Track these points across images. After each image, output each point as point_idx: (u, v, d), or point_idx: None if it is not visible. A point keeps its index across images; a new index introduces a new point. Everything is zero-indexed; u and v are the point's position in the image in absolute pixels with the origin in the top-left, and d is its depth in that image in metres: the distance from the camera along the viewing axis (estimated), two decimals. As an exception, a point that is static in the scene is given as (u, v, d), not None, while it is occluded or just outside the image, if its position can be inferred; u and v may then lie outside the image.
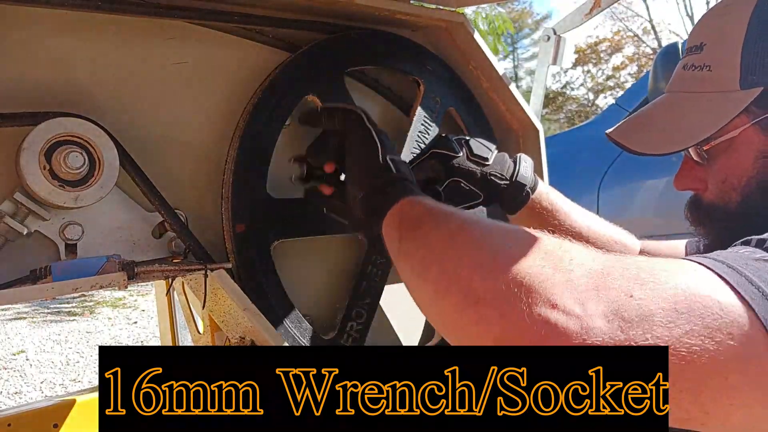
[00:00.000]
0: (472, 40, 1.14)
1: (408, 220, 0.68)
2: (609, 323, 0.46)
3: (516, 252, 0.53)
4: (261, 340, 0.84)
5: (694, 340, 0.46)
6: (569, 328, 0.46)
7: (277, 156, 0.93)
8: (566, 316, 0.46)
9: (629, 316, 0.46)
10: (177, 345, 1.81)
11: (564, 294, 0.48)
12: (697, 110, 0.78)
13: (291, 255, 0.98)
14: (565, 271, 0.50)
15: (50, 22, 0.77)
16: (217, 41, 0.91)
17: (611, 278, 0.49)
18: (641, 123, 0.85)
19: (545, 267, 0.50)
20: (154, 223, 0.83)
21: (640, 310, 0.47)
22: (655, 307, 0.47)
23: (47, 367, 4.75)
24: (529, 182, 0.98)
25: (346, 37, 1.03)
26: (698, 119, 0.77)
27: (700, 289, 0.49)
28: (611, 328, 0.46)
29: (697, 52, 0.80)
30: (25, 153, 0.70)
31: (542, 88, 2.89)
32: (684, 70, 0.82)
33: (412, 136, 1.09)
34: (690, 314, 0.47)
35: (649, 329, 0.46)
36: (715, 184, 0.80)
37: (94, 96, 0.80)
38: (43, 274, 0.71)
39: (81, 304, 7.23)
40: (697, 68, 0.79)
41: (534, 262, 0.51)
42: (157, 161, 0.85)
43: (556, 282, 0.49)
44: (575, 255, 0.53)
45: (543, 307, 0.47)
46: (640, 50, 20.84)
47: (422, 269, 0.61)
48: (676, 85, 0.84)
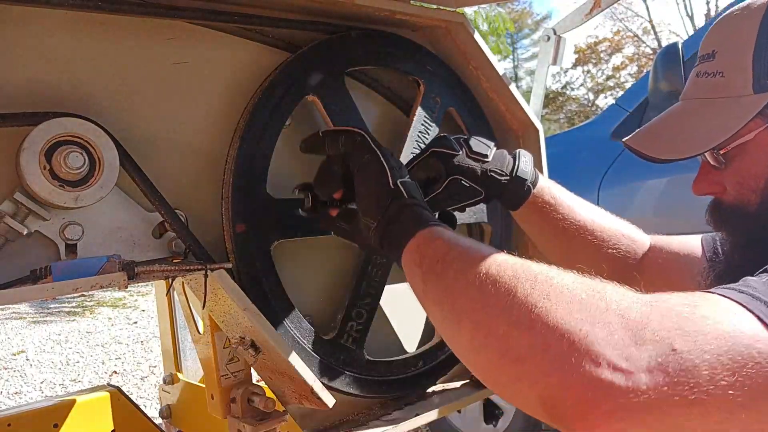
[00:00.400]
0: (472, 40, 1.14)
1: (429, 260, 0.67)
2: (654, 377, 0.46)
3: (552, 303, 0.52)
4: (261, 340, 0.84)
5: (739, 391, 0.46)
6: (616, 383, 0.46)
7: (277, 156, 0.93)
8: (612, 372, 0.46)
9: (673, 371, 0.46)
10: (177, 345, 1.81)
11: (607, 350, 0.48)
12: (712, 115, 0.80)
13: (291, 255, 0.98)
14: (604, 324, 0.49)
15: (50, 22, 0.77)
16: (217, 41, 0.91)
17: (650, 330, 0.49)
18: (657, 130, 0.87)
19: (584, 321, 0.50)
20: (154, 223, 0.83)
21: (684, 365, 0.47)
22: (700, 361, 0.47)
23: (47, 367, 4.75)
24: (529, 177, 0.97)
25: (346, 37, 1.03)
26: (713, 124, 0.79)
27: (742, 337, 0.49)
28: (656, 384, 0.46)
29: (710, 59, 0.81)
30: (25, 153, 0.70)
31: (542, 88, 2.89)
32: (697, 77, 0.83)
33: (412, 136, 1.09)
34: (734, 363, 0.47)
35: (696, 384, 0.46)
36: (733, 187, 0.81)
37: (94, 96, 0.80)
38: (43, 274, 0.71)
39: (81, 304, 7.23)
40: (710, 75, 0.81)
41: (572, 315, 0.51)
42: (157, 161, 0.85)
43: (598, 337, 0.48)
44: (612, 300, 0.52)
45: (587, 363, 0.47)
46: (640, 50, 20.84)
47: (454, 318, 0.61)
48: (690, 93, 0.85)
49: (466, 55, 1.17)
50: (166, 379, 1.81)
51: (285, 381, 0.88)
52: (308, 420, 0.97)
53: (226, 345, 1.00)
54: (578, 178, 2.43)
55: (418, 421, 1.01)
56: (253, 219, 0.89)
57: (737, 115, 0.76)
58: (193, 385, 1.71)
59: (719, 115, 0.78)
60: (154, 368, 4.52)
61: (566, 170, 2.39)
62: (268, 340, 0.82)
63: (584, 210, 1.03)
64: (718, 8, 17.25)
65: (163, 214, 0.81)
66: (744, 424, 0.47)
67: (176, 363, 1.81)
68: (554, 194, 1.00)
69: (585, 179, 2.41)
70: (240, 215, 0.88)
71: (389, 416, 1.02)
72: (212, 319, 0.98)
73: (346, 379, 0.97)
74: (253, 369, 1.00)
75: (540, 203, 0.99)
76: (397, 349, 1.13)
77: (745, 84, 0.76)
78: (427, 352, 1.11)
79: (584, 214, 1.03)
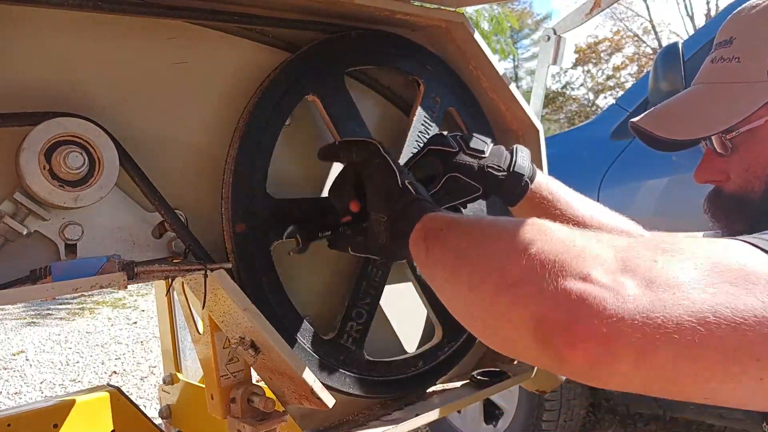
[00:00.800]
0: (472, 40, 1.14)
1: (433, 231, 0.71)
2: (638, 289, 0.48)
3: (548, 237, 0.56)
4: (261, 340, 0.84)
5: (737, 302, 0.47)
6: (601, 296, 0.48)
7: (277, 156, 0.93)
8: (599, 287, 0.48)
9: (657, 280, 0.48)
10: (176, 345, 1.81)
11: (595, 266, 0.50)
12: (724, 99, 0.80)
13: (291, 255, 0.98)
14: (593, 248, 0.53)
15: (50, 22, 0.77)
16: (217, 41, 0.91)
17: (636, 250, 0.52)
18: (667, 112, 0.87)
19: (575, 246, 0.53)
20: (154, 223, 0.83)
21: (666, 274, 0.48)
22: (678, 269, 0.49)
23: (47, 367, 4.75)
24: (526, 172, 0.97)
25: (346, 37, 1.03)
26: (724, 107, 0.79)
27: (734, 255, 0.51)
28: (641, 294, 0.47)
29: (727, 45, 0.82)
30: (25, 153, 0.70)
31: (542, 88, 2.89)
32: (712, 63, 0.84)
33: (411, 136, 1.09)
34: (724, 275, 0.48)
35: (684, 295, 0.47)
36: (737, 174, 0.82)
37: (94, 96, 0.80)
38: (43, 274, 0.71)
39: (81, 304, 7.23)
40: (726, 60, 0.82)
41: (564, 244, 0.54)
42: (157, 161, 0.84)
43: (587, 257, 0.51)
44: (602, 236, 0.56)
45: (576, 280, 0.50)
46: (640, 50, 20.84)
47: (454, 270, 0.63)
48: (704, 77, 0.86)
49: (466, 54, 1.17)
50: (166, 380, 1.81)
51: (285, 381, 0.88)
52: (308, 420, 0.97)
53: (226, 345, 1.00)
54: (578, 178, 2.42)
55: (418, 421, 1.00)
56: (253, 219, 0.89)
57: (750, 100, 0.77)
58: (193, 385, 1.71)
59: (732, 98, 0.79)
60: (154, 368, 4.53)
61: (566, 170, 2.39)
62: (268, 340, 0.82)
63: (583, 205, 1.03)
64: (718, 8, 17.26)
65: (163, 214, 0.81)
66: (729, 324, 0.46)
67: (176, 363, 1.81)
68: (552, 190, 1.00)
69: (585, 179, 2.41)
70: (240, 215, 0.88)
71: (389, 416, 1.02)
72: (212, 319, 0.98)
73: (346, 379, 0.97)
74: (253, 369, 0.99)
75: (538, 199, 0.99)
76: (397, 349, 1.13)
77: (760, 70, 0.77)
78: (427, 352, 1.11)
79: (583, 209, 1.02)
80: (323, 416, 0.98)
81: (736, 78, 0.80)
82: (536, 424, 2.52)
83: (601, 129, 2.55)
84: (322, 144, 1.03)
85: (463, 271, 0.61)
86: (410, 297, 1.14)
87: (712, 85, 0.83)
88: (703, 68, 0.87)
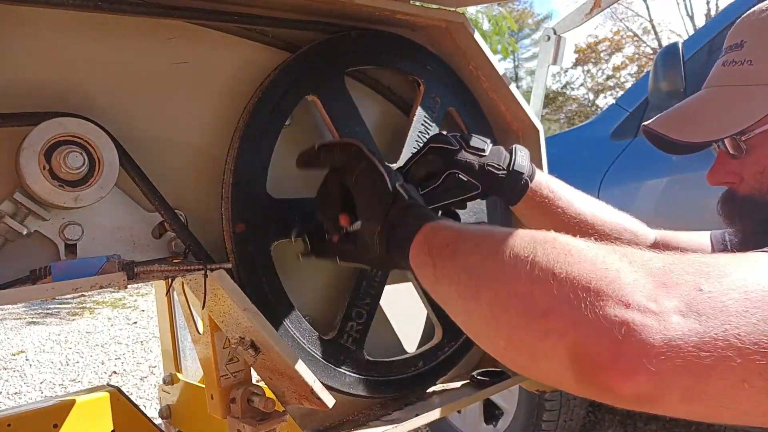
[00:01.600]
0: (472, 40, 1.14)
1: (438, 246, 0.66)
2: (685, 318, 0.45)
3: (574, 258, 0.51)
4: (261, 340, 0.84)
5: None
6: (648, 325, 0.45)
7: (277, 156, 0.93)
8: (642, 314, 0.45)
9: (703, 309, 0.46)
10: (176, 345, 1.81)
11: (635, 293, 0.47)
12: (738, 101, 0.80)
13: (291, 255, 0.98)
14: (629, 272, 0.49)
15: (50, 22, 0.77)
16: (217, 41, 0.91)
17: (676, 274, 0.49)
18: (678, 115, 0.87)
19: (609, 270, 0.49)
20: (154, 223, 0.83)
21: (712, 303, 0.46)
22: (727, 298, 0.46)
23: (47, 367, 4.75)
24: (526, 171, 0.97)
25: (346, 37, 1.02)
26: (738, 110, 0.79)
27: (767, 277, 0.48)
28: (688, 323, 0.45)
29: (738, 49, 0.82)
30: (25, 153, 0.70)
31: (542, 88, 2.89)
32: (724, 66, 0.84)
33: (412, 136, 1.09)
34: (763, 301, 0.46)
35: (726, 320, 0.45)
36: (751, 176, 0.82)
37: (94, 96, 0.80)
38: (43, 274, 0.71)
39: (81, 304, 7.23)
40: (738, 63, 0.81)
41: (595, 266, 0.50)
42: (157, 161, 0.84)
43: (624, 282, 0.48)
44: (634, 254, 0.52)
45: (617, 307, 0.46)
46: (640, 50, 20.85)
47: (471, 292, 0.58)
48: (715, 81, 0.86)
49: (466, 55, 1.16)
50: (166, 380, 1.81)
51: (285, 381, 0.88)
52: (308, 420, 0.97)
53: (226, 345, 1.00)
54: (578, 178, 2.42)
55: (418, 421, 1.00)
56: (253, 219, 0.89)
57: (764, 102, 0.77)
58: (193, 385, 1.71)
59: (746, 101, 0.79)
60: (154, 368, 4.52)
61: (566, 170, 2.39)
62: (268, 340, 0.82)
63: (584, 203, 1.02)
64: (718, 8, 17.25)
65: (163, 214, 0.81)
66: None
67: (176, 363, 1.81)
68: (552, 188, 1.00)
69: (585, 179, 2.41)
70: (240, 215, 0.88)
71: (389, 416, 1.02)
72: (212, 319, 0.98)
73: (346, 379, 0.97)
74: (253, 369, 0.99)
75: (538, 197, 0.99)
76: (397, 349, 1.13)
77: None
78: (427, 352, 1.11)
79: (584, 207, 1.01)
80: (323, 416, 0.98)
81: (749, 81, 0.80)
82: (536, 424, 2.51)
83: (601, 129, 2.55)
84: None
85: (483, 294, 0.56)
86: (410, 297, 1.14)
87: (725, 88, 0.83)
88: (714, 71, 0.87)
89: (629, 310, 0.46)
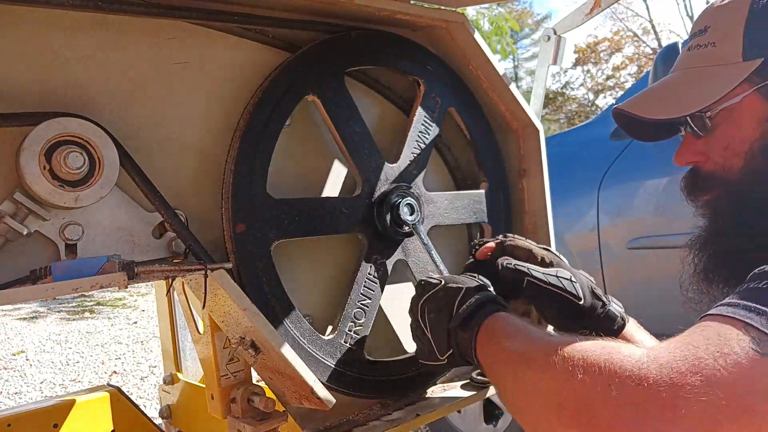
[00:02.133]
0: (472, 40, 1.14)
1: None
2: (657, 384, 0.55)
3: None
4: (261, 340, 0.84)
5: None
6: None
7: (277, 156, 0.93)
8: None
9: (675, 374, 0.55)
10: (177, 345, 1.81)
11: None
12: (702, 80, 0.83)
13: (291, 255, 0.98)
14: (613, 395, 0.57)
15: (50, 21, 0.77)
16: (217, 41, 0.91)
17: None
18: (645, 96, 0.90)
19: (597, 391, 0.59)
20: (154, 223, 0.83)
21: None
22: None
23: (47, 367, 4.75)
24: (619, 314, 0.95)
25: (346, 37, 1.02)
26: (703, 88, 0.82)
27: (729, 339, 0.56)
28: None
29: (702, 34, 0.86)
30: (25, 153, 0.70)
31: (542, 88, 2.88)
32: (689, 51, 0.88)
33: (412, 136, 1.09)
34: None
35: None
36: (716, 152, 0.84)
37: (94, 96, 0.80)
38: (43, 274, 0.71)
39: (81, 304, 7.23)
40: (702, 46, 0.85)
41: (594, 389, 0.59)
42: (157, 161, 0.84)
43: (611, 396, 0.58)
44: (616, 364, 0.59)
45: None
46: (640, 50, 20.85)
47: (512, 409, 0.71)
48: (681, 65, 0.89)
49: (466, 55, 1.17)
50: (166, 379, 1.80)
51: (285, 381, 0.88)
52: (308, 420, 0.97)
53: (226, 345, 1.00)
54: (578, 178, 2.42)
55: (418, 421, 1.00)
56: (253, 219, 0.89)
57: (727, 80, 0.80)
58: (193, 385, 1.71)
59: (710, 79, 0.82)
60: (154, 368, 4.52)
61: (566, 170, 2.39)
62: (268, 340, 0.82)
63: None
64: (718, 8, 17.19)
65: (163, 214, 0.81)
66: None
67: (176, 363, 1.80)
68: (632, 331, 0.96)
69: (585, 179, 2.41)
70: (240, 215, 0.88)
71: (389, 416, 1.02)
72: (212, 319, 0.98)
73: (346, 379, 0.97)
74: (253, 369, 0.99)
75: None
76: (397, 349, 1.13)
77: (735, 52, 0.81)
78: (427, 352, 1.10)
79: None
80: (323, 416, 0.98)
81: (713, 61, 0.83)
82: (536, 424, 2.51)
83: (601, 129, 2.55)
84: (322, 144, 1.03)
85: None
86: (410, 297, 1.14)
87: (690, 70, 0.86)
88: (680, 57, 0.90)
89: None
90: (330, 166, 1.05)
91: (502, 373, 0.73)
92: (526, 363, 0.68)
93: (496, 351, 0.75)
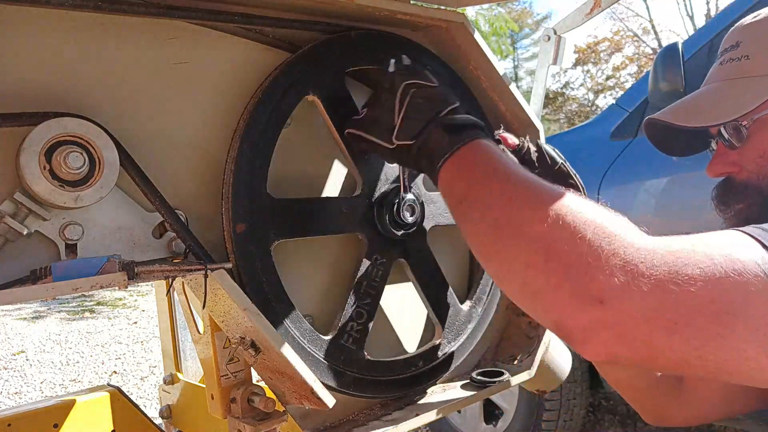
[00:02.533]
0: (472, 40, 1.14)
1: (484, 170, 0.73)
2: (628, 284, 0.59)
3: (565, 245, 0.63)
4: (261, 340, 0.84)
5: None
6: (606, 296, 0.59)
7: (277, 156, 0.93)
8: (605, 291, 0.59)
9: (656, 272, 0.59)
10: (177, 345, 1.81)
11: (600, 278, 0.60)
12: (736, 91, 0.85)
13: (291, 255, 0.98)
14: (603, 267, 0.60)
15: (50, 22, 0.77)
16: (217, 41, 0.91)
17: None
18: (681, 107, 0.92)
19: (585, 264, 0.61)
20: (154, 223, 0.83)
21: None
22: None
23: (47, 367, 4.75)
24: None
25: (346, 37, 1.03)
26: (737, 98, 0.84)
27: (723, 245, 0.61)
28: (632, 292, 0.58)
29: (734, 49, 0.88)
30: (25, 153, 0.70)
31: (542, 88, 2.88)
32: (721, 65, 0.89)
33: (412, 136, 1.09)
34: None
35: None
36: (751, 161, 0.86)
37: (94, 96, 0.80)
38: (43, 274, 0.71)
39: (81, 304, 7.23)
40: (735, 60, 0.87)
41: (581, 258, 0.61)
42: (157, 161, 0.84)
43: (595, 278, 0.60)
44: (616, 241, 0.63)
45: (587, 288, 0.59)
46: (640, 50, 20.84)
47: (481, 257, 0.72)
48: (713, 77, 0.91)
49: (466, 55, 1.17)
50: (166, 379, 1.81)
51: (285, 381, 0.88)
52: (308, 420, 0.97)
53: (226, 345, 1.00)
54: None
55: (418, 421, 1.00)
56: (253, 219, 0.89)
57: (761, 90, 0.82)
58: (193, 385, 1.71)
59: (744, 90, 0.84)
60: (154, 368, 4.53)
61: (566, 170, 2.39)
62: (269, 340, 0.82)
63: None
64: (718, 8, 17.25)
65: (163, 214, 0.81)
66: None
67: (176, 363, 1.81)
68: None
69: (585, 179, 2.41)
70: (240, 215, 0.88)
71: (389, 416, 1.02)
72: (212, 319, 0.98)
73: (346, 379, 0.97)
74: (253, 369, 1.00)
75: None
76: (397, 349, 1.13)
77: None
78: (427, 352, 1.11)
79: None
80: (323, 416, 0.98)
81: (747, 73, 0.85)
82: (536, 424, 2.51)
83: (600, 129, 2.55)
84: (322, 144, 1.03)
85: (490, 266, 0.69)
86: (410, 297, 1.14)
87: (724, 82, 0.88)
88: (712, 72, 0.91)
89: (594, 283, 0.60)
90: (330, 166, 1.05)
91: (484, 198, 0.70)
92: (521, 198, 0.67)
93: (484, 172, 0.72)
